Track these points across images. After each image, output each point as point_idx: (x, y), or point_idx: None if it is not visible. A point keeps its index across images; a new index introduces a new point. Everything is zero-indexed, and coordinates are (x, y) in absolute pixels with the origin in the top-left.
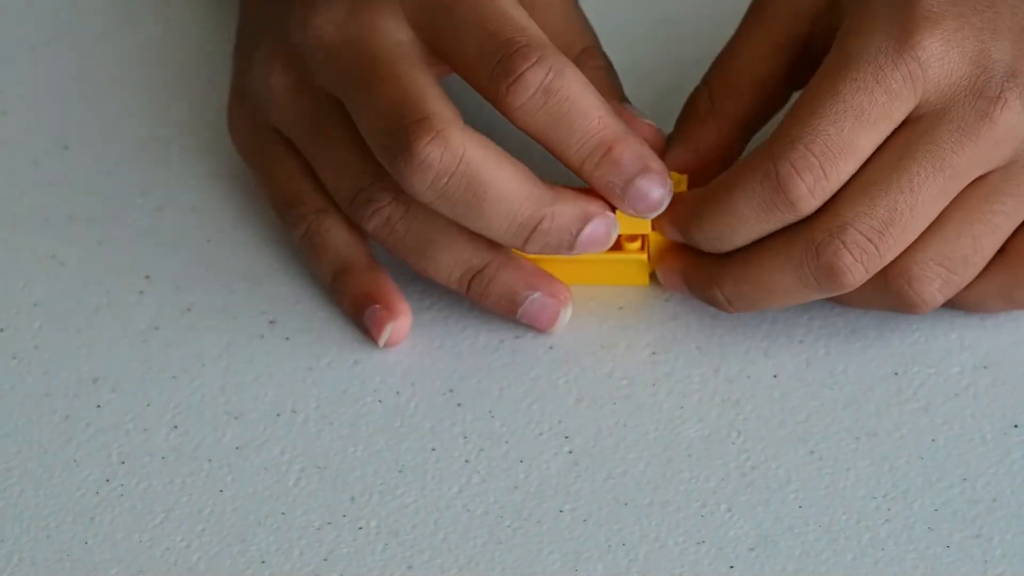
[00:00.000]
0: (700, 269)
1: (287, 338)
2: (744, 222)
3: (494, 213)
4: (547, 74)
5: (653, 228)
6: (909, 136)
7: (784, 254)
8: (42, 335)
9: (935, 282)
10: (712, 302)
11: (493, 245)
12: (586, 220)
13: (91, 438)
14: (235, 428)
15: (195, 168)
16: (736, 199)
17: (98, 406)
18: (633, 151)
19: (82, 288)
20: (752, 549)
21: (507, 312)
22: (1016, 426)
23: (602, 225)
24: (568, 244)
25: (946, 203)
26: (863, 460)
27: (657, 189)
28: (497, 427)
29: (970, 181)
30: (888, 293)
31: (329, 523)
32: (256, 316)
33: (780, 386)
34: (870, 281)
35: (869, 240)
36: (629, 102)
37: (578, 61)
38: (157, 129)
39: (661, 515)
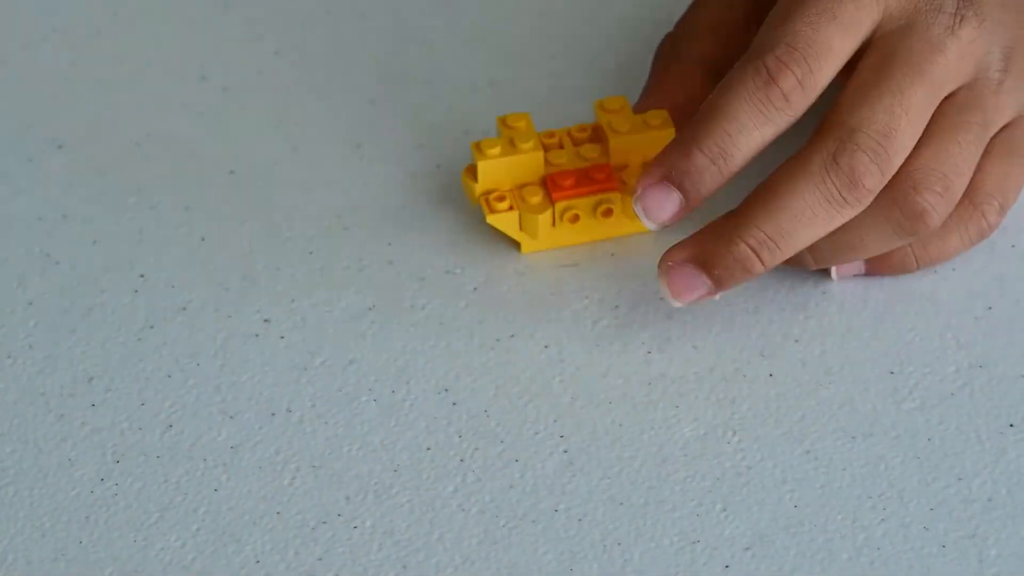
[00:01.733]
0: (714, 232)
1: (282, 337)
2: (742, 128)
3: None
4: None
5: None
6: (883, 49)
7: (803, 173)
8: (36, 334)
9: (936, 186)
10: (739, 258)
11: None
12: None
13: (86, 437)
14: (230, 427)
15: (189, 167)
16: (730, 101)
17: (93, 405)
18: None
19: (76, 287)
20: (748, 549)
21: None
22: (1012, 425)
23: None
24: None
25: (930, 114)
26: (859, 459)
27: None
28: (492, 426)
29: (944, 96)
30: (895, 208)
31: (324, 522)
32: (251, 315)
33: (776, 385)
34: (877, 203)
35: (879, 143)
36: None
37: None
38: (151, 128)
39: (656, 514)
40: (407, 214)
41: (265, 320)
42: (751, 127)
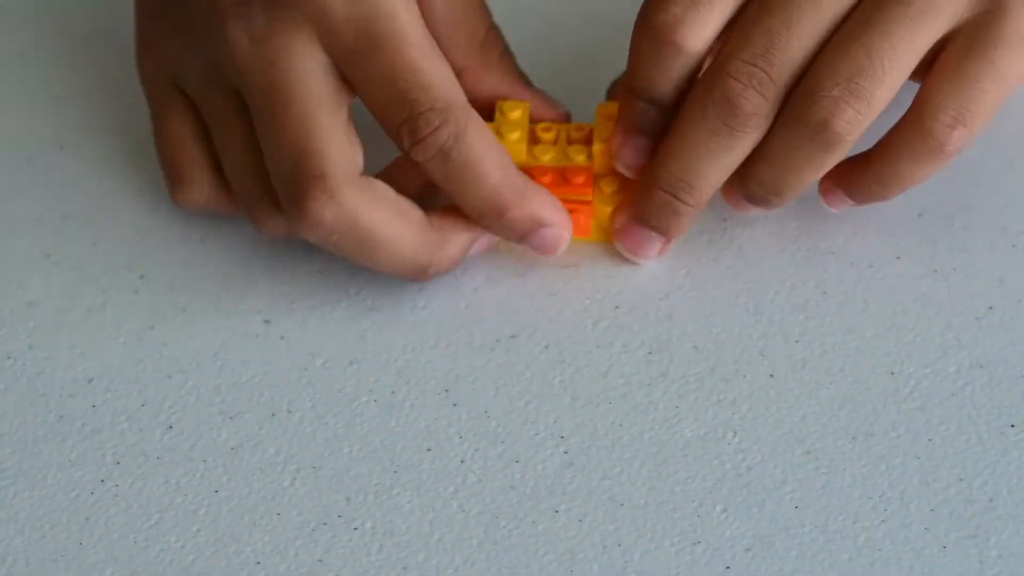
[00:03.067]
0: (639, 186)
1: (282, 337)
2: (651, 83)
3: (385, 263)
4: (447, 139)
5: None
6: None
7: (689, 112)
8: (37, 335)
9: (834, 91)
10: (662, 203)
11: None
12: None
13: (86, 438)
14: (230, 428)
15: None
16: (632, 63)
17: (93, 406)
18: (526, 215)
19: (77, 288)
20: (748, 549)
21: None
22: (1013, 426)
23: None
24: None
25: (826, 23)
26: (859, 460)
27: (552, 240)
28: (493, 427)
29: (849, 4)
30: (799, 124)
31: (324, 523)
32: (251, 315)
33: (776, 386)
34: (786, 121)
35: (753, 64)
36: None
37: (483, 46)
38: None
39: (657, 515)
40: None
41: (265, 321)
42: (656, 78)
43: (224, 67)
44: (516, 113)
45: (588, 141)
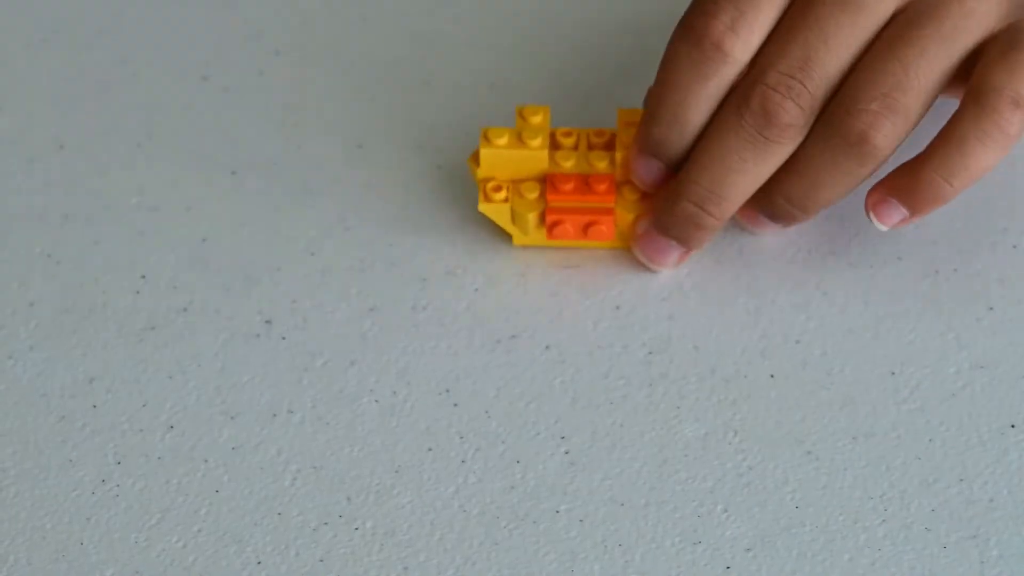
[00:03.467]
0: (665, 196)
1: (283, 338)
2: (687, 91)
3: None
4: None
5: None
6: None
7: (722, 122)
8: (37, 335)
9: (872, 104)
10: (687, 215)
11: None
12: None
13: (87, 438)
14: (231, 428)
15: (190, 167)
16: (670, 71)
17: (94, 406)
18: None
19: (78, 288)
20: (749, 550)
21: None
22: (1013, 426)
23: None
24: None
25: (862, 37)
26: (860, 460)
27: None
28: (493, 427)
29: (888, 15)
30: (836, 136)
31: (325, 524)
32: (252, 316)
33: (777, 386)
34: (820, 135)
35: (791, 76)
36: None
37: None
38: (152, 128)
39: (657, 515)
40: (409, 215)
41: (266, 321)
42: (694, 88)
43: None
44: (537, 118)
45: (609, 147)
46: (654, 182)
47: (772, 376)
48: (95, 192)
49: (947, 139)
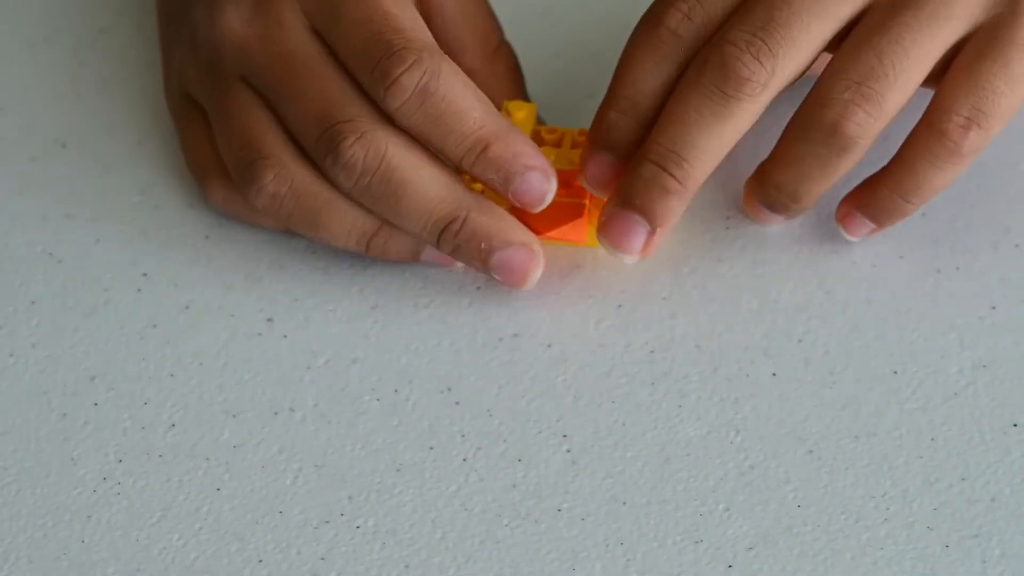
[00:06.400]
0: (628, 166)
1: (285, 336)
2: (641, 70)
3: (411, 210)
4: (422, 76)
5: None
6: None
7: (684, 81)
8: (39, 333)
9: (845, 93)
10: (648, 177)
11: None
12: (502, 238)
13: (88, 436)
14: (233, 426)
15: None
16: (626, 55)
17: (95, 404)
18: (511, 149)
19: (80, 286)
20: (751, 549)
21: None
22: (1015, 425)
23: (518, 252)
24: (479, 254)
25: (829, 21)
26: (862, 459)
27: (539, 184)
28: (495, 426)
29: (857, 6)
30: (812, 125)
31: (327, 522)
32: (254, 314)
33: (779, 385)
34: (800, 124)
35: (752, 34)
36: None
37: (494, 55)
38: (154, 126)
39: (659, 514)
40: None
41: (268, 319)
42: (649, 67)
43: (224, 55)
44: (522, 113)
45: None
46: (604, 179)
47: (774, 375)
48: (97, 190)
49: (901, 160)
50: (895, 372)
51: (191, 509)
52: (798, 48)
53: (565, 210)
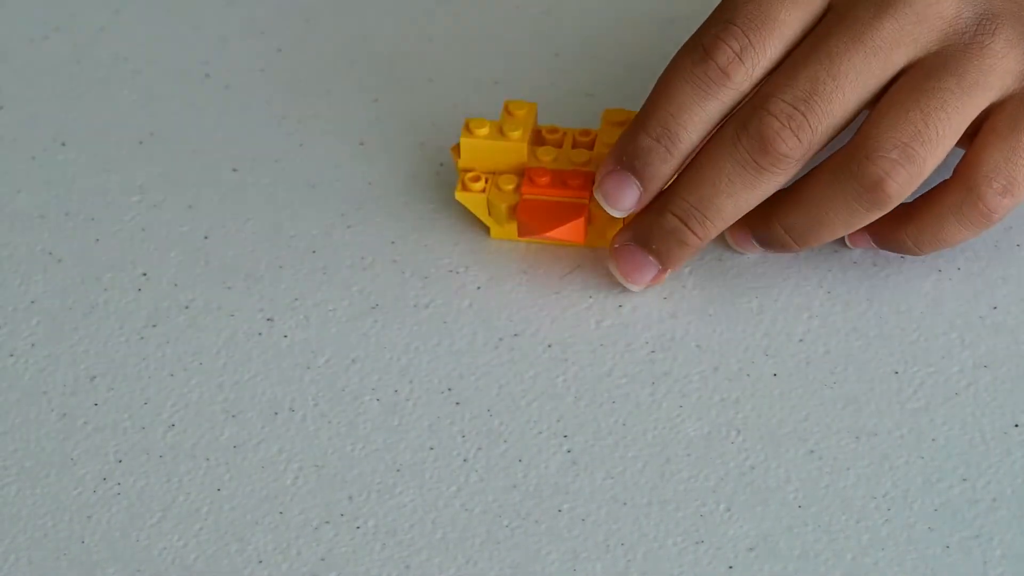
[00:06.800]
0: (649, 209)
1: (285, 336)
2: (683, 107)
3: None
4: None
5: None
6: (829, 19)
7: (718, 142)
8: (39, 332)
9: (892, 153)
10: (669, 229)
11: None
12: None
13: (88, 436)
14: (233, 426)
15: (192, 165)
16: (670, 82)
17: (95, 404)
18: None
19: (79, 285)
20: (751, 549)
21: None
22: (1016, 425)
23: None
24: None
25: (872, 83)
26: (863, 459)
27: None
28: (495, 426)
29: (901, 64)
30: (851, 179)
31: (327, 522)
32: (254, 314)
33: (780, 385)
34: (834, 175)
35: (794, 107)
36: None
37: None
38: (154, 125)
39: (660, 514)
40: (411, 213)
41: (268, 319)
42: (691, 105)
43: None
44: (522, 111)
45: (592, 146)
46: (623, 202)
47: (775, 375)
48: (96, 189)
49: (927, 210)
50: (896, 372)
51: (191, 509)
52: (835, 121)
53: (565, 210)
